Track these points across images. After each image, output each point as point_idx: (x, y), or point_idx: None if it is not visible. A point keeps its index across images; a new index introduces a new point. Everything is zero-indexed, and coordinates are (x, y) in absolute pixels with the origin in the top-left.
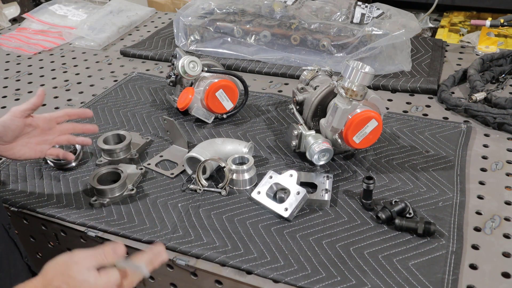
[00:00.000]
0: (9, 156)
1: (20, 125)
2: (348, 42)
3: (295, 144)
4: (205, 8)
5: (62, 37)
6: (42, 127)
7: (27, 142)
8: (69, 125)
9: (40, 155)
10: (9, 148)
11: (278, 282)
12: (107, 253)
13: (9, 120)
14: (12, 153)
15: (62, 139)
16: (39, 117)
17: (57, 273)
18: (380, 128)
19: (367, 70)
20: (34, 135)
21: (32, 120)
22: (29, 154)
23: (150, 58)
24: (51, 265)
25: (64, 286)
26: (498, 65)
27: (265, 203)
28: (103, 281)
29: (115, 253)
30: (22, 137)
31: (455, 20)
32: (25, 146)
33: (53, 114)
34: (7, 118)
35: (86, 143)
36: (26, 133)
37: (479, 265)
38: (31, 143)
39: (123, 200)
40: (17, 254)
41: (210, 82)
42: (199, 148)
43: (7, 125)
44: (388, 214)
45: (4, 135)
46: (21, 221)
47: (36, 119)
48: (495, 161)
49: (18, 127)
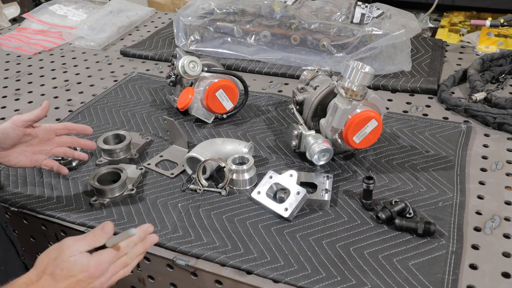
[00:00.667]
0: (4, 163)
1: (19, 134)
2: (348, 42)
3: (295, 144)
4: (205, 8)
5: (62, 37)
6: (41, 137)
7: (24, 150)
8: (68, 138)
9: (36, 164)
10: (5, 155)
11: (278, 282)
12: (97, 234)
13: (9, 128)
14: (7, 160)
15: (59, 151)
16: (39, 127)
17: (50, 259)
18: (380, 128)
19: (367, 70)
20: (32, 144)
21: (32, 130)
22: (24, 163)
23: (150, 58)
24: (44, 255)
25: (58, 270)
26: (498, 65)
27: (265, 203)
28: (95, 260)
29: (104, 232)
30: (20, 145)
31: (455, 20)
32: (21, 154)
33: (53, 126)
34: (8, 126)
35: (82, 158)
36: (24, 143)
37: (479, 265)
38: (28, 151)
39: (123, 200)
40: (14, 252)
41: (210, 82)
42: (199, 148)
43: (6, 133)
44: (388, 214)
45: (2, 142)
46: (21, 221)
47: (36, 129)
48: (495, 161)
49: (17, 135)
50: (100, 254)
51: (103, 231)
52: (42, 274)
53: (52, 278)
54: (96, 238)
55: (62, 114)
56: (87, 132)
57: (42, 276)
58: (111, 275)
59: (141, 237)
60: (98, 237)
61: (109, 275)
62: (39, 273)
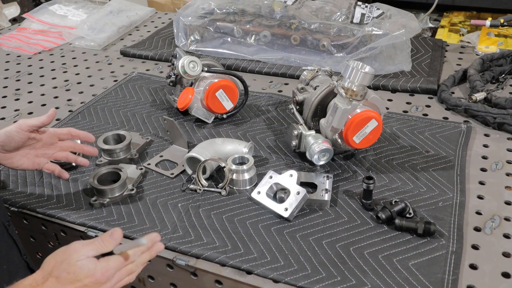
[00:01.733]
0: (7, 165)
1: (24, 138)
2: (348, 42)
3: (295, 144)
4: (205, 8)
5: (62, 37)
6: (44, 141)
7: (27, 153)
8: (71, 143)
9: (38, 167)
10: (8, 157)
11: (278, 282)
12: (105, 240)
13: (14, 132)
14: (10, 162)
15: (61, 155)
16: (43, 132)
17: (57, 262)
18: (380, 128)
19: (367, 70)
20: (35, 147)
21: (36, 134)
22: (27, 165)
23: (150, 58)
24: (51, 257)
25: (64, 274)
26: (498, 65)
27: (265, 203)
28: (102, 266)
29: (113, 239)
30: (23, 148)
31: (455, 20)
32: (24, 157)
33: (57, 130)
34: (13, 129)
35: (83, 163)
36: (28, 146)
37: (479, 265)
38: (31, 154)
39: (123, 200)
40: (16, 251)
41: (210, 82)
42: (199, 148)
43: (11, 136)
44: (388, 214)
45: (6, 145)
46: (21, 221)
47: (40, 133)
48: (495, 161)
49: (21, 139)
50: (107, 260)
51: (112, 238)
52: (48, 276)
53: (58, 281)
54: (105, 244)
55: (62, 114)
56: (90, 140)
57: (48, 279)
58: (116, 281)
59: (148, 246)
60: (106, 243)
61: (114, 281)
62: (45, 275)
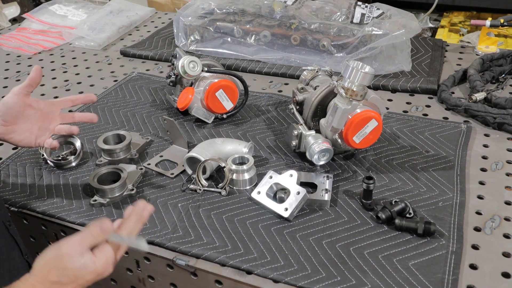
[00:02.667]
0: (10, 140)
1: (20, 103)
2: (348, 42)
3: (295, 144)
4: (205, 8)
5: (62, 37)
6: (43, 110)
7: (29, 128)
8: (71, 113)
9: (40, 143)
10: (11, 130)
11: (278, 282)
12: (95, 233)
13: (9, 98)
14: (13, 137)
15: (63, 127)
16: (41, 100)
17: (51, 267)
18: (380, 128)
19: (367, 70)
20: (36, 120)
21: (34, 101)
22: (29, 140)
23: (150, 58)
24: (42, 261)
25: (64, 279)
26: (498, 65)
27: (265, 203)
28: (102, 261)
29: (103, 231)
30: (24, 121)
31: (455, 20)
32: (26, 131)
33: (55, 100)
34: (8, 96)
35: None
36: (28, 116)
37: (479, 265)
38: (34, 129)
39: (123, 200)
40: (17, 251)
41: (210, 82)
42: (199, 148)
43: (7, 103)
44: (388, 214)
45: (6, 114)
46: (21, 221)
47: (38, 102)
48: (495, 161)
49: (18, 105)
50: (104, 252)
51: (102, 231)
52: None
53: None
54: (95, 238)
55: None
56: (92, 99)
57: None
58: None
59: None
60: (97, 237)
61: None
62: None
